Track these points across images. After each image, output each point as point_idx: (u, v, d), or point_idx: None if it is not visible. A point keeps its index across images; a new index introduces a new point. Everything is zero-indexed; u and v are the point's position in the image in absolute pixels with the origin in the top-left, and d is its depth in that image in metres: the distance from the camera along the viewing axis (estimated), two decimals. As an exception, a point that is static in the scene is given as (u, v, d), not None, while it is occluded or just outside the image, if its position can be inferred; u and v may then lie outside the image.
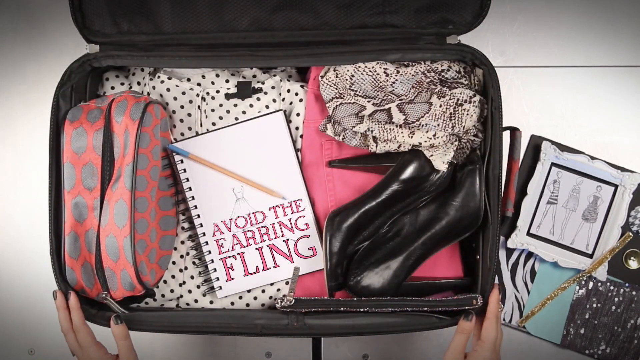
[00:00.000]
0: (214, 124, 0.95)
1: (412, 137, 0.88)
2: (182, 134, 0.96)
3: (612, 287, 1.00)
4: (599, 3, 1.04)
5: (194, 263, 0.96)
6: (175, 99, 0.94)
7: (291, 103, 0.95)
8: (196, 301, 0.95)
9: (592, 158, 1.00)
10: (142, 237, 0.86)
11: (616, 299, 1.00)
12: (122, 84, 0.96)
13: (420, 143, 0.88)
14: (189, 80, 0.96)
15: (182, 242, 0.96)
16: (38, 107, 1.05)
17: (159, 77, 0.94)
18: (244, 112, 0.95)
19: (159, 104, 0.90)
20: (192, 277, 0.96)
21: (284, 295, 0.86)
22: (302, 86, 0.95)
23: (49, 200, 0.85)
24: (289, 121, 0.94)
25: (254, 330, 0.86)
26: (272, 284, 0.95)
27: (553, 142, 1.01)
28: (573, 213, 1.01)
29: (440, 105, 0.87)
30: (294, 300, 0.85)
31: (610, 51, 1.04)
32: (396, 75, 0.90)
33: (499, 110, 0.86)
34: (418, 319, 0.86)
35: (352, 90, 0.91)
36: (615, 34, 1.04)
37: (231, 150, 0.94)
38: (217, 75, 0.96)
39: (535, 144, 1.02)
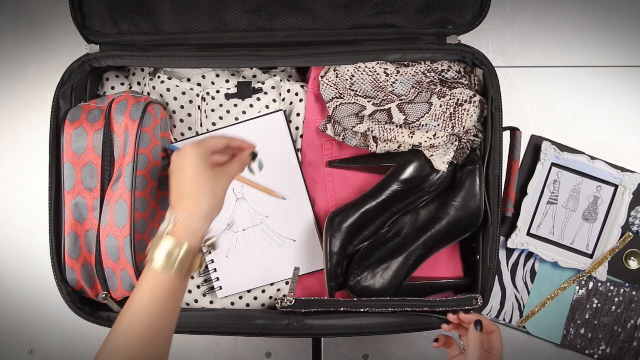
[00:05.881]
0: (214, 124, 0.95)
1: (412, 137, 0.88)
2: (182, 134, 0.96)
3: (612, 287, 1.00)
4: (599, 3, 1.04)
5: (194, 263, 0.96)
6: (175, 99, 0.94)
7: (291, 103, 0.95)
8: (196, 301, 0.95)
9: (592, 158, 1.00)
10: (142, 237, 0.86)
11: (616, 299, 1.00)
12: (122, 84, 0.96)
13: (420, 143, 0.88)
14: (189, 80, 0.96)
15: (182, 242, 0.96)
16: (38, 107, 1.05)
17: (159, 77, 0.94)
18: (244, 112, 0.95)
19: (159, 104, 0.90)
20: (192, 277, 0.96)
21: (284, 295, 0.86)
22: (302, 86, 0.95)
23: (49, 200, 0.85)
24: (289, 121, 0.94)
25: (254, 330, 0.86)
26: (272, 284, 0.95)
27: (553, 142, 1.01)
28: (573, 213, 1.01)
29: (440, 105, 0.87)
30: (294, 300, 0.85)
31: (610, 51, 1.04)
32: (396, 75, 0.90)
33: (499, 110, 0.86)
34: (418, 319, 0.86)
35: (352, 90, 0.91)
36: (615, 34, 1.04)
37: (231, 150, 0.94)
38: (217, 75, 0.96)
39: (535, 144, 1.02)
